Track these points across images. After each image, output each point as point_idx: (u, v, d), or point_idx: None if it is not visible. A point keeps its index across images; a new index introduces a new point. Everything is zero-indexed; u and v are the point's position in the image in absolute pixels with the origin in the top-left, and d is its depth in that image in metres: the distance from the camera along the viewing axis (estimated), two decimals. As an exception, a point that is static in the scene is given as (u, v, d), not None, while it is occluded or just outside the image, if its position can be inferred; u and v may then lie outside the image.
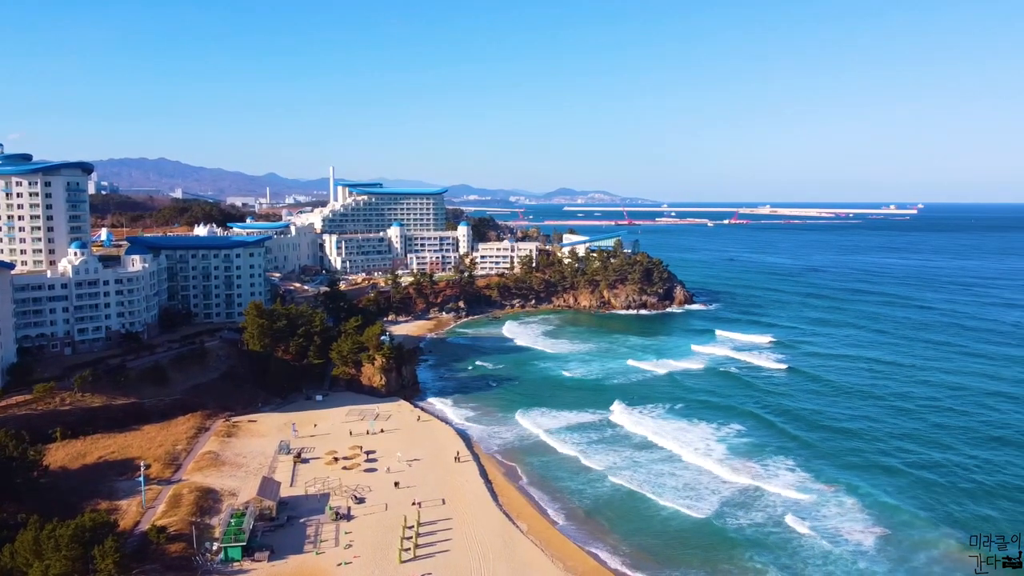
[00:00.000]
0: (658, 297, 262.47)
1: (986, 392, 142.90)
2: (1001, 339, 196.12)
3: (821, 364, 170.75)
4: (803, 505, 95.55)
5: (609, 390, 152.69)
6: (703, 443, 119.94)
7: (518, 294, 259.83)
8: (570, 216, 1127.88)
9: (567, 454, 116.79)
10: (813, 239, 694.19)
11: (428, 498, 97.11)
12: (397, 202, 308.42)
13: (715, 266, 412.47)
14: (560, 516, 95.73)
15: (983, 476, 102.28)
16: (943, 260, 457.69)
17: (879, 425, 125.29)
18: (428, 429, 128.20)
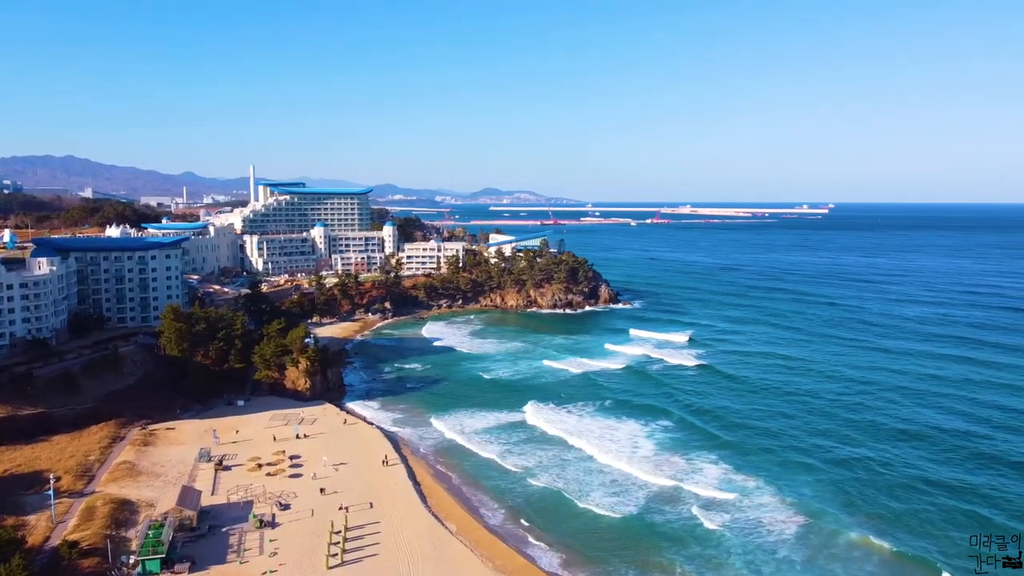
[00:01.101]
0: (583, 296, 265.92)
1: (891, 387, 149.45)
2: (903, 334, 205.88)
3: (737, 362, 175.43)
4: (725, 499, 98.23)
5: (535, 390, 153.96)
6: (624, 442, 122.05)
7: (445, 294, 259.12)
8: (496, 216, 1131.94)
9: (495, 455, 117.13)
10: (731, 238, 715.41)
11: (356, 502, 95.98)
12: (321, 202, 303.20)
13: (638, 265, 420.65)
14: (489, 516, 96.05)
15: (891, 468, 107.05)
16: (851, 257, 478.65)
17: (794, 421, 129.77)
18: (355, 432, 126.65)
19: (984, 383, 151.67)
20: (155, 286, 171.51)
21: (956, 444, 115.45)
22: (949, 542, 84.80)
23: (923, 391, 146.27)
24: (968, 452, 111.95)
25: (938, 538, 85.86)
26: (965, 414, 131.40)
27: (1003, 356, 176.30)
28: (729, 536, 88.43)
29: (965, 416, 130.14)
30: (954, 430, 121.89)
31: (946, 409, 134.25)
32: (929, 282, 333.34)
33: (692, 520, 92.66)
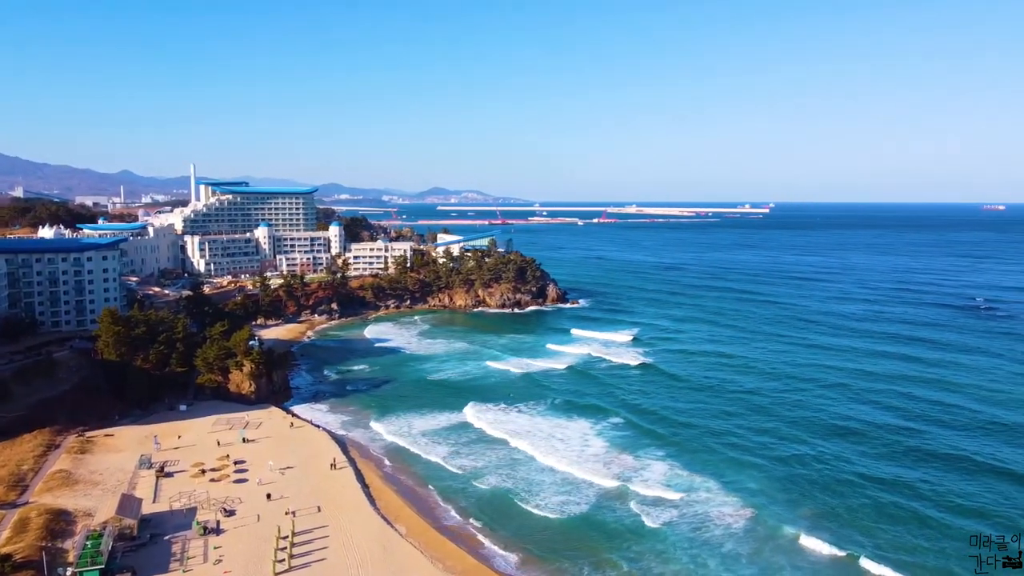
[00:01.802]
0: (532, 295, 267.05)
1: (829, 384, 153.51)
2: (840, 331, 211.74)
3: (681, 361, 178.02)
4: (672, 496, 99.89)
5: (483, 391, 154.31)
6: (572, 442, 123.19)
7: (393, 295, 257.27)
8: (444, 216, 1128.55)
9: (444, 456, 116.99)
10: (675, 237, 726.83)
11: (303, 506, 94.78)
12: (265, 202, 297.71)
13: (585, 264, 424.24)
14: (439, 518, 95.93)
15: (830, 464, 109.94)
16: (791, 256, 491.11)
17: (737, 419, 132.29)
18: (302, 436, 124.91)
19: (916, 378, 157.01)
20: (91, 289, 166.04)
21: (891, 439, 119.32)
22: (883, 534, 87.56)
23: (860, 387, 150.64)
24: (902, 447, 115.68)
25: (873, 531, 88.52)
26: (899, 409, 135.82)
27: (932, 352, 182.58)
28: (677, 531, 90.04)
29: (899, 411, 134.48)
30: (889, 425, 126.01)
31: (882, 405, 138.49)
32: (864, 279, 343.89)
33: (641, 517, 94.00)
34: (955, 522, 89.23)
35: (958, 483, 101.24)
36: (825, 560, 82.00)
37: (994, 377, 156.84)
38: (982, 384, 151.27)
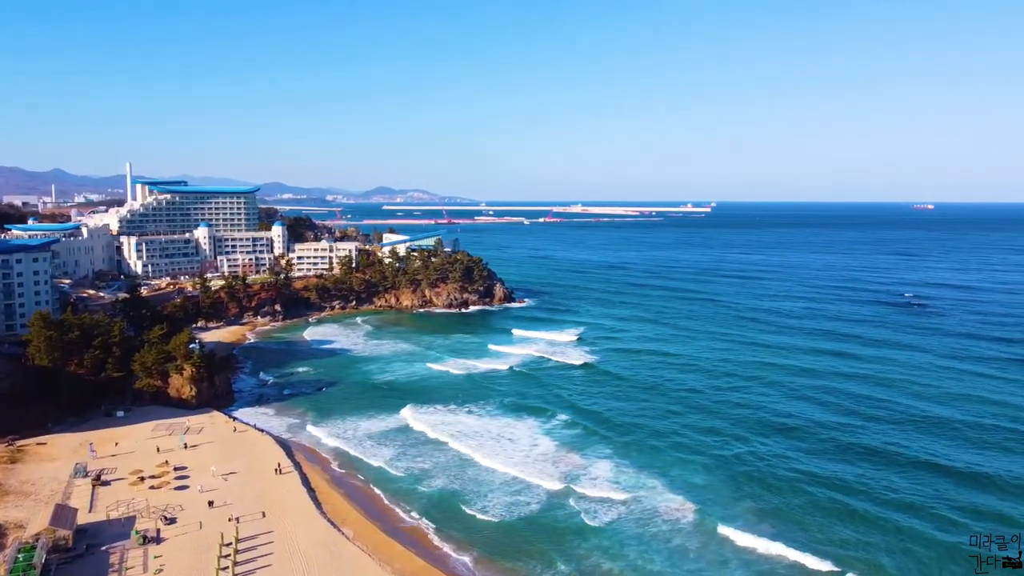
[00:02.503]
0: (479, 295, 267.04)
1: (770, 382, 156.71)
2: (780, 329, 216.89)
3: (625, 360, 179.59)
4: (619, 493, 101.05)
5: (430, 392, 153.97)
6: (520, 442, 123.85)
7: (338, 295, 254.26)
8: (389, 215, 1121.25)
9: (392, 458, 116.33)
10: (620, 236, 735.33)
11: (247, 512, 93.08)
12: (204, 201, 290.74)
13: (531, 263, 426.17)
14: (387, 520, 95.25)
15: (772, 461, 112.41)
16: (732, 254, 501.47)
17: (681, 418, 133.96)
18: (245, 440, 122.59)
19: (852, 375, 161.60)
20: (21, 292, 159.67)
21: (828, 435, 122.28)
22: (821, 528, 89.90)
23: (799, 384, 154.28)
24: (839, 443, 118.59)
25: (812, 525, 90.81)
26: (835, 406, 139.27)
27: (867, 348, 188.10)
28: (625, 528, 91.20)
29: (836, 408, 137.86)
30: (826, 422, 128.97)
31: (820, 402, 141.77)
32: (803, 277, 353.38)
33: (589, 514, 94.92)
34: (890, 516, 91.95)
35: (891, 478, 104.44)
36: (768, 553, 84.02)
37: (925, 372, 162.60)
38: (913, 379, 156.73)
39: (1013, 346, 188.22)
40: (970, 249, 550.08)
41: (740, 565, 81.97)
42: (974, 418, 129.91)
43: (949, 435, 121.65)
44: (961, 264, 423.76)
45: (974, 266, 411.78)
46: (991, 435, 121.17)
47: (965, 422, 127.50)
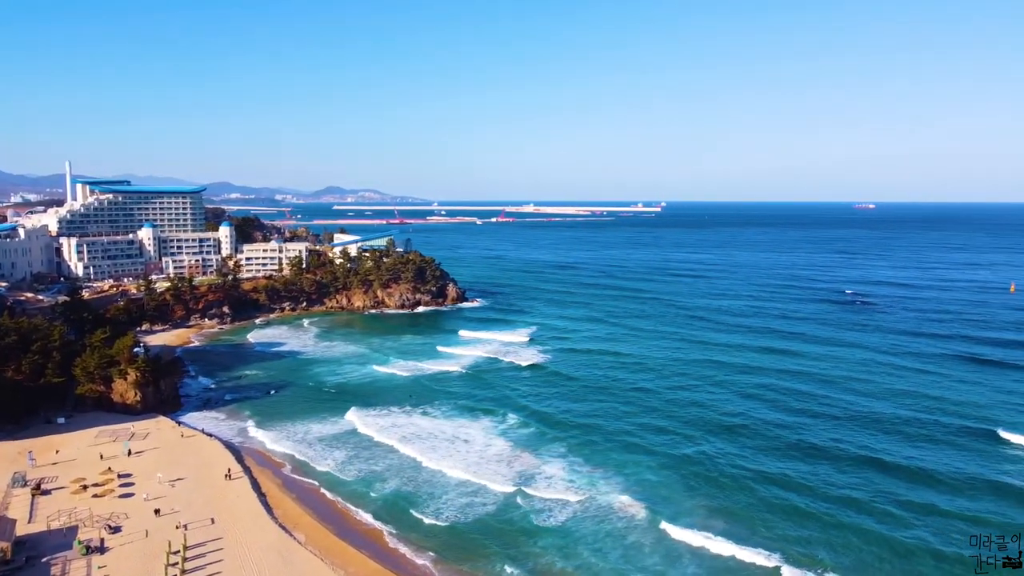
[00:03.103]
0: (431, 295, 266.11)
1: (718, 381, 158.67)
2: (726, 328, 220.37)
3: (577, 360, 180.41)
4: (573, 492, 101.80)
5: (382, 393, 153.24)
6: (474, 443, 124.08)
7: (288, 297, 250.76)
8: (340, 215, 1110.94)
9: (344, 461, 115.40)
10: (571, 236, 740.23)
11: (195, 519, 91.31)
12: (149, 201, 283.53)
13: (484, 263, 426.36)
14: (340, 524, 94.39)
15: (722, 459, 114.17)
16: (681, 253, 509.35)
17: (632, 417, 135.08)
18: (193, 446, 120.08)
19: (797, 372, 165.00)
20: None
21: (775, 433, 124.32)
22: (770, 524, 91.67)
23: (747, 383, 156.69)
24: (785, 441, 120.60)
25: (761, 521, 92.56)
26: (782, 404, 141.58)
27: (812, 346, 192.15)
28: (580, 526, 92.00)
29: (782, 406, 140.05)
30: (773, 420, 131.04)
31: (767, 400, 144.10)
32: (750, 276, 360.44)
33: (544, 514, 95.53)
34: (833, 512, 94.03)
35: (834, 474, 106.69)
36: (718, 550, 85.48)
37: (866, 369, 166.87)
38: (855, 376, 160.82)
39: (949, 342, 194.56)
40: (908, 247, 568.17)
41: (692, 561, 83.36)
42: (912, 413, 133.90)
43: (888, 431, 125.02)
44: (900, 262, 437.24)
45: (912, 264, 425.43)
46: (928, 430, 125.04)
47: (904, 418, 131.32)
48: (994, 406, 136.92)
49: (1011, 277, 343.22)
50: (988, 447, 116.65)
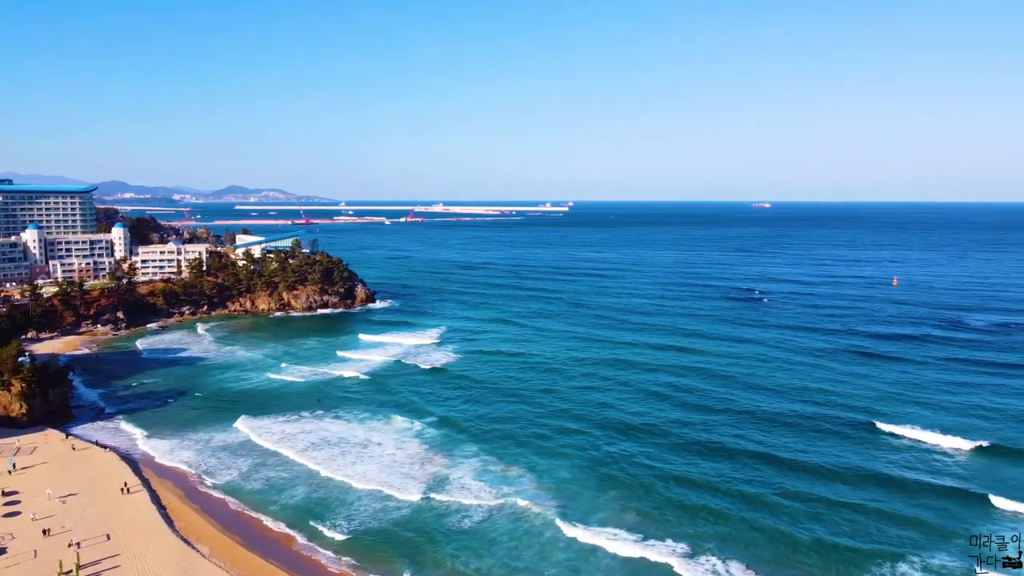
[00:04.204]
0: (339, 297, 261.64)
1: (623, 381, 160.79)
2: (631, 327, 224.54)
3: (486, 362, 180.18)
4: (486, 494, 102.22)
5: (288, 398, 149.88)
6: (384, 446, 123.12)
7: (188, 300, 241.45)
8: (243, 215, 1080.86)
9: (248, 469, 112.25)
10: (480, 235, 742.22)
11: (89, 536, 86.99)
12: (33, 201, 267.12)
13: (393, 263, 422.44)
14: (246, 534, 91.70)
15: (632, 460, 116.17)
16: (587, 252, 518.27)
17: (542, 418, 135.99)
18: (86, 459, 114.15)
19: (700, 370, 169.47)
20: None
21: (681, 432, 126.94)
22: (676, 521, 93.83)
23: (653, 382, 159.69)
24: (691, 440, 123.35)
25: (668, 518, 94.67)
26: (685, 402, 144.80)
27: (714, 344, 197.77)
28: (494, 528, 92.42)
29: (685, 405, 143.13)
30: (677, 419, 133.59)
31: (671, 399, 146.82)
32: (654, 274, 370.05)
33: (457, 516, 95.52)
34: (735, 507, 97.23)
35: (734, 470, 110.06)
36: (630, 544, 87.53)
37: (764, 365, 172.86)
38: (753, 372, 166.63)
39: (839, 336, 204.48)
40: (801, 245, 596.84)
41: (604, 557, 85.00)
42: (804, 407, 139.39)
43: (782, 425, 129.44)
44: (794, 259, 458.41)
45: (805, 261, 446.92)
46: (817, 423, 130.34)
47: (797, 412, 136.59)
48: (875, 398, 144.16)
49: (893, 272, 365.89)
50: (868, 438, 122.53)
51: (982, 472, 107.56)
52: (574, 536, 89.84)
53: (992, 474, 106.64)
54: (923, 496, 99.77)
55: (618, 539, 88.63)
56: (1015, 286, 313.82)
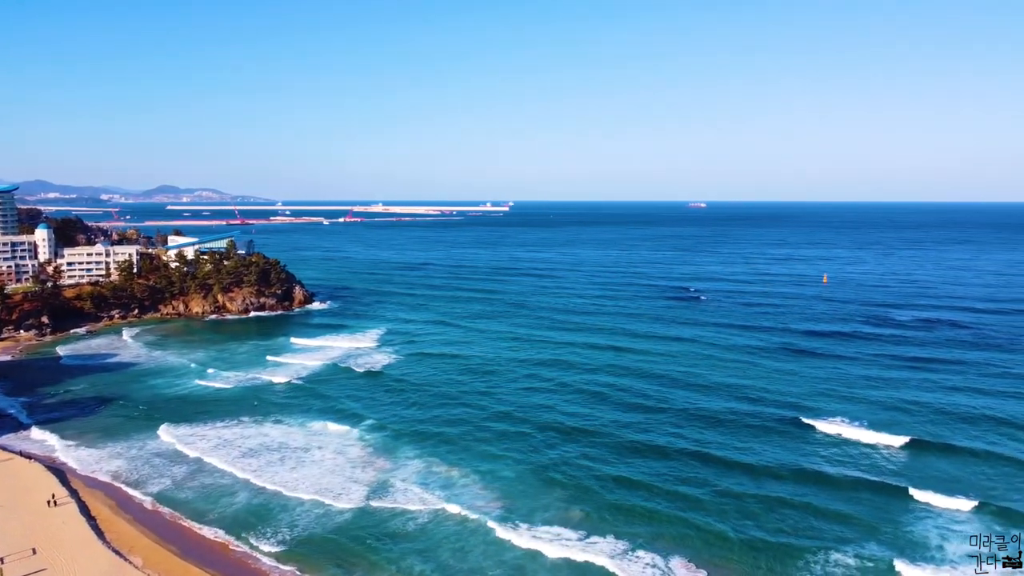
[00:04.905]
0: (277, 299, 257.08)
1: (562, 383, 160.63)
2: (572, 327, 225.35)
3: (427, 364, 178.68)
4: (430, 496, 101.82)
5: (223, 403, 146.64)
6: (325, 450, 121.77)
7: (117, 304, 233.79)
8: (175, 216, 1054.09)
9: (184, 476, 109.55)
10: (421, 235, 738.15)
11: (12, 552, 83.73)
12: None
13: (332, 264, 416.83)
14: (182, 543, 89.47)
15: (573, 461, 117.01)
16: (526, 252, 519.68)
17: (483, 420, 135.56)
18: (8, 471, 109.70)
19: (638, 371, 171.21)
20: None
21: (620, 432, 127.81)
22: (620, 522, 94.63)
23: (593, 382, 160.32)
24: (629, 439, 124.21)
25: (607, 520, 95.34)
26: (626, 403, 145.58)
27: (652, 343, 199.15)
28: (439, 528, 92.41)
29: (624, 405, 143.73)
30: (619, 420, 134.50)
31: (612, 400, 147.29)
32: (593, 273, 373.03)
33: (400, 519, 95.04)
34: (673, 507, 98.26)
35: (672, 469, 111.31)
36: (573, 542, 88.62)
37: (702, 364, 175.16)
38: (691, 370, 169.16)
39: (772, 334, 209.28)
40: (734, 243, 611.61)
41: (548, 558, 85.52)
42: (738, 405, 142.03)
43: (717, 424, 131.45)
44: (728, 258, 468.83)
45: (738, 259, 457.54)
46: (750, 421, 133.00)
47: (731, 410, 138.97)
48: (807, 395, 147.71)
49: (823, 269, 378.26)
50: (799, 434, 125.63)
51: (906, 466, 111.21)
52: (518, 537, 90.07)
53: (915, 468, 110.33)
54: (849, 491, 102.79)
55: (561, 539, 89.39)
56: (937, 282, 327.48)
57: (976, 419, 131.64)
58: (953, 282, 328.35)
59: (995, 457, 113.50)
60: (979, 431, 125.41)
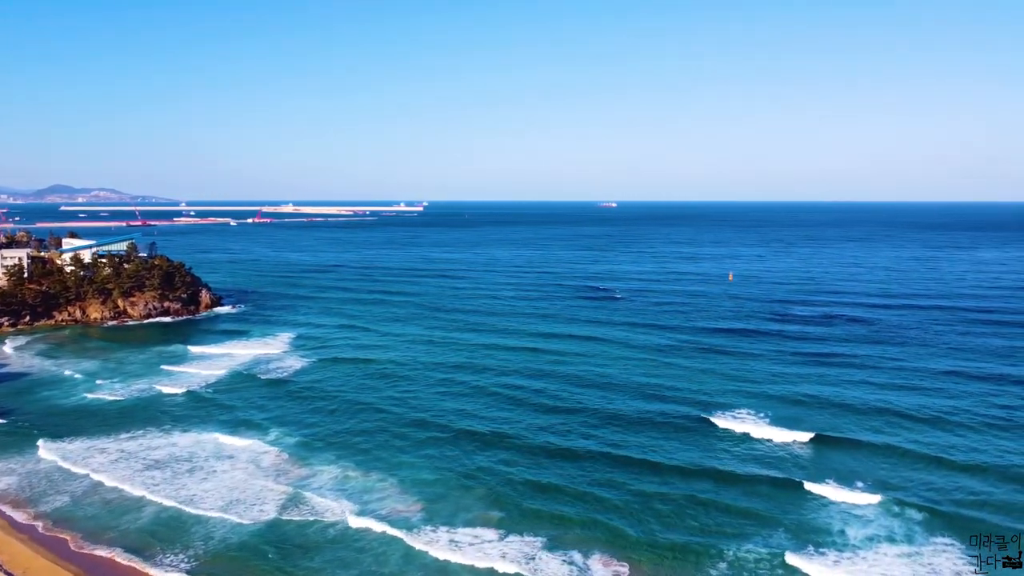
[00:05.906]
0: (182, 303, 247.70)
1: (477, 386, 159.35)
2: (487, 329, 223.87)
3: (340, 368, 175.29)
4: (348, 502, 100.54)
5: (126, 414, 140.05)
6: (237, 459, 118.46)
7: (7, 311, 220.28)
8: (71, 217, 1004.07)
9: (86, 489, 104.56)
10: (332, 236, 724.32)
11: None
12: None
13: (240, 267, 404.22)
14: (84, 562, 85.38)
15: (491, 466, 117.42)
16: (440, 253, 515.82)
17: (399, 424, 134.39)
18: None
19: (552, 373, 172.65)
20: None
21: (535, 436, 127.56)
22: (538, 525, 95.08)
23: (508, 385, 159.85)
24: (544, 442, 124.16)
25: (523, 522, 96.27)
26: (542, 405, 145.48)
27: (567, 343, 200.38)
28: (359, 535, 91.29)
29: (541, 409, 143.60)
30: (533, 423, 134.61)
31: (529, 404, 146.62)
32: (507, 273, 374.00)
33: (319, 527, 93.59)
34: (590, 509, 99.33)
35: (588, 472, 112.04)
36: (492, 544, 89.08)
37: (615, 364, 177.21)
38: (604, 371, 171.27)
39: (681, 332, 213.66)
40: (644, 242, 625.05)
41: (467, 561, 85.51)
42: (649, 405, 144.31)
43: (628, 425, 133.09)
44: (637, 257, 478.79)
45: (648, 258, 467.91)
46: (660, 420, 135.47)
47: (642, 410, 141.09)
48: (714, 392, 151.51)
49: (729, 267, 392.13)
50: (706, 431, 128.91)
51: (808, 460, 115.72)
52: (439, 540, 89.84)
53: (816, 462, 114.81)
54: (756, 485, 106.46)
55: (481, 540, 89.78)
56: (832, 278, 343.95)
57: (872, 412, 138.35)
58: (848, 278, 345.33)
59: (891, 449, 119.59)
60: (876, 423, 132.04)
